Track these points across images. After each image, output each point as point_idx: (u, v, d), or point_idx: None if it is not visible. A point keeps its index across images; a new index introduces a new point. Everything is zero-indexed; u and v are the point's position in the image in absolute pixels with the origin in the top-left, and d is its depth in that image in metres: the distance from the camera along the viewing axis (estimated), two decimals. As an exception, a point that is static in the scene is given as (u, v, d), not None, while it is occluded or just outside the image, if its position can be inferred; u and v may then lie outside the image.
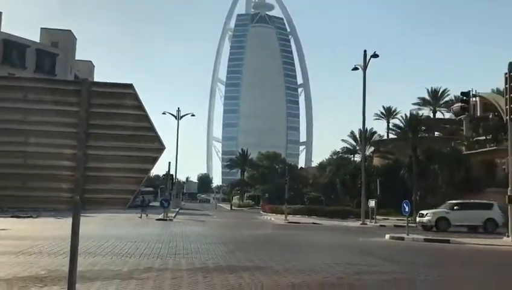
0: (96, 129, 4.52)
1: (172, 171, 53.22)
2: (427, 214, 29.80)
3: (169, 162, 52.21)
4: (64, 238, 12.94)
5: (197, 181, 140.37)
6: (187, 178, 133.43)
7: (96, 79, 45.11)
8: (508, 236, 21.29)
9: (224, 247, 16.04)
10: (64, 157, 4.50)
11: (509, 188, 21.83)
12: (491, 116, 43.09)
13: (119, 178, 4.57)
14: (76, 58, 68.08)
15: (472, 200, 33.37)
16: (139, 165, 4.60)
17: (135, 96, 4.58)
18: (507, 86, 22.20)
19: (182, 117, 54.16)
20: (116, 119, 4.54)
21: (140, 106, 4.58)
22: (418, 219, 30.17)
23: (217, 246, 16.35)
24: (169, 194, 48.99)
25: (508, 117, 22.36)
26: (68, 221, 4.78)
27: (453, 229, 28.25)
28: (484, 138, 48.01)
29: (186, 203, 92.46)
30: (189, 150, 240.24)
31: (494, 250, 18.53)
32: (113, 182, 4.58)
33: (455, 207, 30.28)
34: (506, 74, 22.12)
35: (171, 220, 33.38)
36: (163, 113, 53.92)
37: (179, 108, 53.98)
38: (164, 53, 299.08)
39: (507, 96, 22.22)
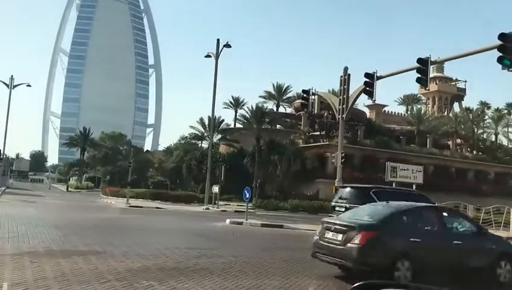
0: None
1: None
2: None
3: (-3, 136, 46.91)
4: None
5: (29, 159, 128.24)
6: (17, 155, 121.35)
7: None
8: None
9: (58, 231, 14.93)
10: None
11: (336, 180, 24.37)
12: (325, 114, 47.44)
13: None
14: None
15: None
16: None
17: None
18: (341, 88, 24.67)
19: (15, 86, 48.81)
20: None
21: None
22: None
23: (49, 229, 15.14)
24: (-6, 171, 43.85)
25: (339, 116, 24.86)
26: None
27: None
28: (319, 133, 52.65)
29: (15, 182, 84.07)
30: (22, 124, 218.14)
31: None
32: None
33: None
34: (341, 77, 24.54)
35: (-5, 200, 29.98)
36: (-7, 80, 48.02)
37: (12, 76, 48.59)
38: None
39: (341, 97, 24.69)
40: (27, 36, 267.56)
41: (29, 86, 51.43)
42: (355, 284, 1.83)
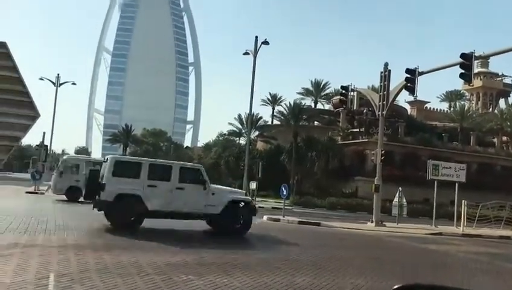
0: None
1: (46, 142, 49.68)
2: None
3: (44, 132, 48.72)
4: None
5: (74, 154, 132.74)
6: (63, 150, 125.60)
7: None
8: (372, 221, 23.41)
9: (101, 224, 15.37)
10: None
11: (376, 178, 23.97)
12: (365, 110, 46.73)
13: (-16, 145, 4.12)
14: None
15: None
16: (10, 133, 4.17)
17: (9, 56, 4.12)
18: (381, 84, 24.23)
19: (61, 84, 50.44)
20: (-16, 79, 4.06)
21: (14, 68, 4.14)
22: None
23: (92, 223, 15.61)
24: (42, 166, 45.61)
25: (379, 113, 24.44)
26: None
27: None
28: (358, 130, 51.95)
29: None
30: (68, 121, 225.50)
31: (359, 233, 20.26)
32: (-23, 150, 4.11)
33: None
34: (381, 72, 24.11)
35: (42, 193, 31.22)
36: (41, 79, 49.83)
37: (58, 74, 50.23)
38: (46, 13, 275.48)
39: (381, 93, 24.26)
40: (72, 37, 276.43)
41: (74, 84, 53.04)
42: (396, 286, 1.81)
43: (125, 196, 13.57)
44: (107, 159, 14.22)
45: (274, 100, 65.97)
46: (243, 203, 14.95)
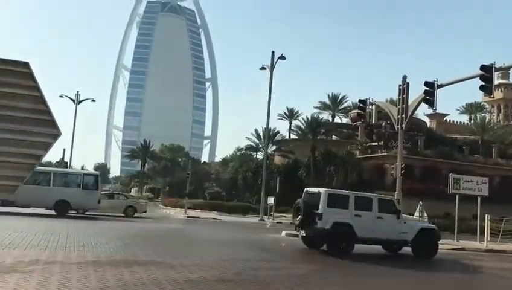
0: (-17, 108, 4.07)
1: (66, 159, 50.42)
2: None
3: (64, 149, 49.47)
4: None
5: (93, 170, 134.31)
6: (82, 167, 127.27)
7: (-15, 53, 40.86)
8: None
9: (120, 241, 15.46)
10: None
11: (396, 192, 23.63)
12: (384, 124, 46.32)
13: (8, 163, 4.16)
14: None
15: None
16: (32, 151, 4.22)
17: (31, 76, 4.19)
18: (400, 97, 24.03)
19: (81, 102, 51.33)
20: (7, 99, 4.12)
21: (36, 87, 4.20)
22: None
23: (111, 239, 15.70)
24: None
25: (399, 126, 24.19)
26: None
27: None
28: (376, 144, 51.46)
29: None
30: (87, 138, 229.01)
31: (379, 248, 19.87)
32: (1, 168, 4.15)
33: None
34: (400, 85, 23.93)
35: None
36: (61, 96, 50.82)
37: (78, 92, 51.16)
38: (65, 33, 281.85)
39: (399, 106, 24.04)
40: (91, 54, 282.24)
41: (93, 101, 53.94)
42: None
43: (339, 224, 15.08)
44: (319, 191, 15.72)
45: (291, 114, 65.94)
46: (430, 231, 16.65)
